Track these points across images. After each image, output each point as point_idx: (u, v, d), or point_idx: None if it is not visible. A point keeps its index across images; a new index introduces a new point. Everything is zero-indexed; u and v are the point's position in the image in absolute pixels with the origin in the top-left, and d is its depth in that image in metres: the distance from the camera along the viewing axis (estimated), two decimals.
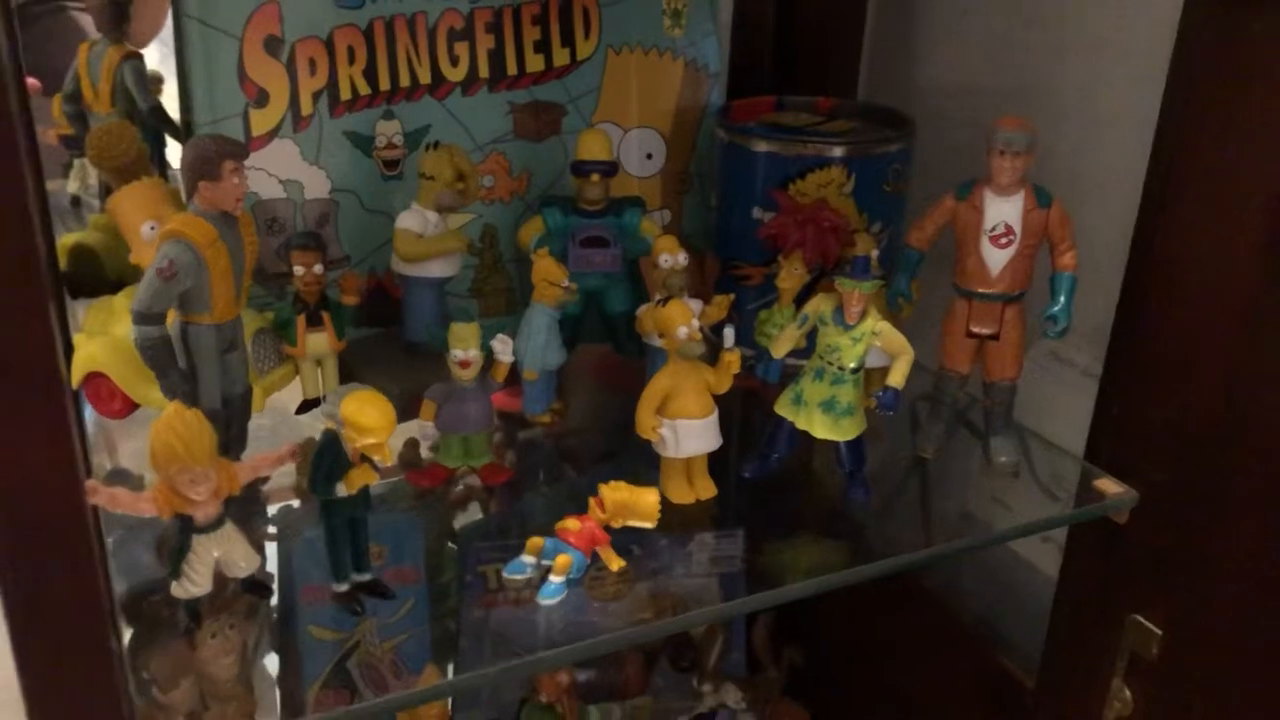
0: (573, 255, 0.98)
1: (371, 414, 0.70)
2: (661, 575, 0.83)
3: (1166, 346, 0.86)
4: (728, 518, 0.89)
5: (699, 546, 0.88)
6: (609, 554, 0.80)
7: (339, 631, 0.80)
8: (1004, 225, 0.87)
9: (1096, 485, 0.91)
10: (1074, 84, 1.02)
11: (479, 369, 0.85)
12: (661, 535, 0.85)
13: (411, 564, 0.90)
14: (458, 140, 1.03)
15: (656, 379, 0.85)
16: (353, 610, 0.76)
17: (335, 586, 0.76)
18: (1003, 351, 0.90)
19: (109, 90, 1.16)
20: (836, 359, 0.85)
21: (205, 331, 0.78)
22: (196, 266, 0.75)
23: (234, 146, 0.75)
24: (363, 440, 0.70)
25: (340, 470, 0.72)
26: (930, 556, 0.85)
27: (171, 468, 0.68)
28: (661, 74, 1.11)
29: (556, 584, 0.77)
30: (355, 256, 1.03)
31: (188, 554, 0.71)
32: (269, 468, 0.73)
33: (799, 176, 0.99)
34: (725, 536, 0.89)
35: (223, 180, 0.75)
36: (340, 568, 0.75)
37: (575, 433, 1.02)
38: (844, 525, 0.90)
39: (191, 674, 0.78)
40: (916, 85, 1.18)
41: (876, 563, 0.83)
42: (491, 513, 0.96)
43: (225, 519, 0.72)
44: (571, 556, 0.77)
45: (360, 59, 1.00)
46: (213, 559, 0.72)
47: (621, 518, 0.79)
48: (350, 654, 0.81)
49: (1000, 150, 0.85)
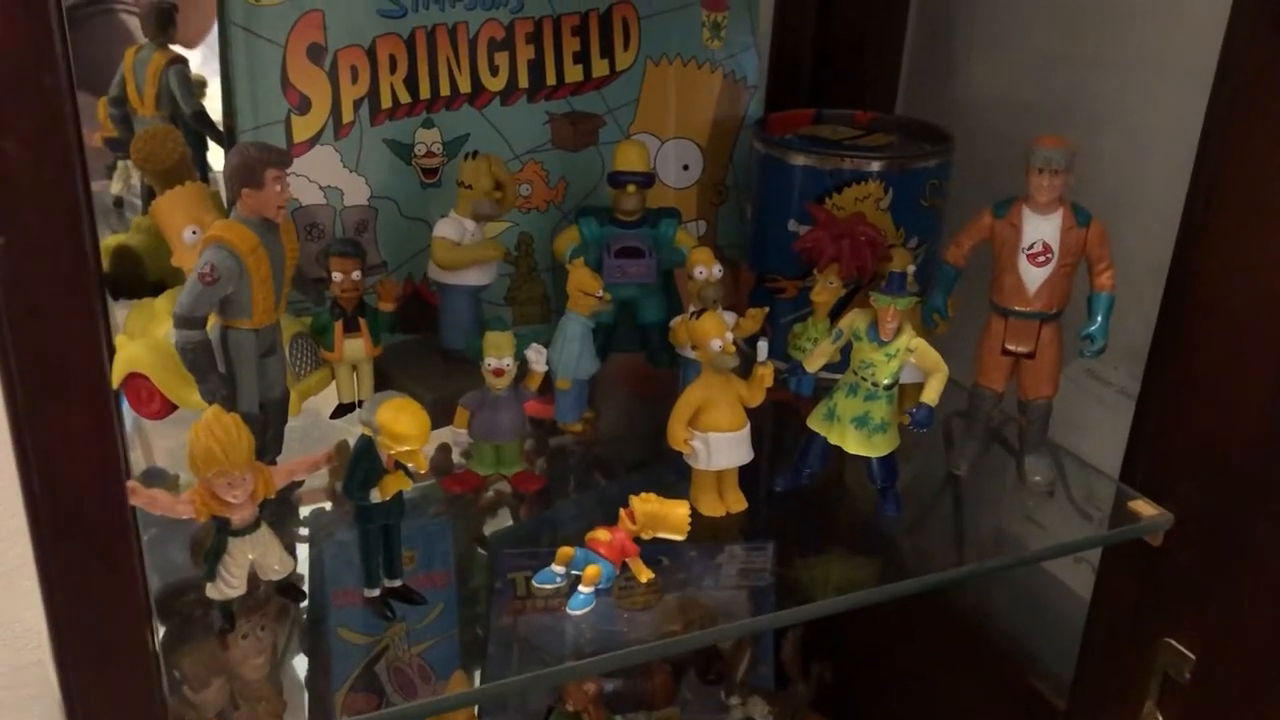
0: (607, 265, 0.98)
1: (407, 422, 0.70)
2: (690, 587, 0.84)
3: (1204, 366, 0.86)
4: (758, 531, 0.89)
5: (728, 559, 0.88)
6: (638, 566, 0.80)
7: (368, 635, 0.81)
8: (1041, 243, 0.87)
9: (1131, 506, 0.90)
10: (1116, 99, 1.01)
11: (512, 378, 0.86)
12: (691, 547, 0.85)
13: (442, 569, 0.90)
14: (496, 149, 1.04)
15: (689, 391, 0.85)
16: (383, 615, 0.77)
17: (367, 591, 0.77)
18: (1039, 370, 0.90)
19: (154, 94, 1.17)
20: (871, 375, 0.84)
21: (244, 336, 0.79)
22: (238, 272, 0.76)
23: (277, 155, 0.76)
24: (397, 448, 0.70)
25: (375, 476, 0.72)
26: (961, 575, 0.85)
27: (209, 471, 0.69)
28: (700, 86, 1.11)
29: (586, 594, 0.77)
30: (393, 263, 1.04)
31: (223, 556, 0.72)
32: (304, 472, 0.74)
33: (836, 190, 0.99)
34: (755, 549, 0.90)
35: (265, 188, 0.76)
36: (372, 573, 0.76)
37: (607, 442, 1.02)
38: (874, 541, 0.90)
39: (223, 674, 0.79)
40: (956, 99, 1.17)
41: (906, 581, 0.83)
42: (522, 520, 0.97)
43: (261, 522, 0.73)
44: (601, 567, 0.77)
45: (401, 68, 1.00)
46: (248, 561, 0.73)
47: (651, 530, 0.79)
48: (379, 658, 0.81)
49: (1039, 168, 0.85)
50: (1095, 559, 1.00)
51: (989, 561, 0.86)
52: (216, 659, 0.78)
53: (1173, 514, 0.89)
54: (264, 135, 0.97)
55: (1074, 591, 1.06)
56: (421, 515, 0.96)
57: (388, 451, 0.71)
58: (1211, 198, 0.83)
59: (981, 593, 1.17)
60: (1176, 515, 0.89)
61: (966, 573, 0.86)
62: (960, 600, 1.18)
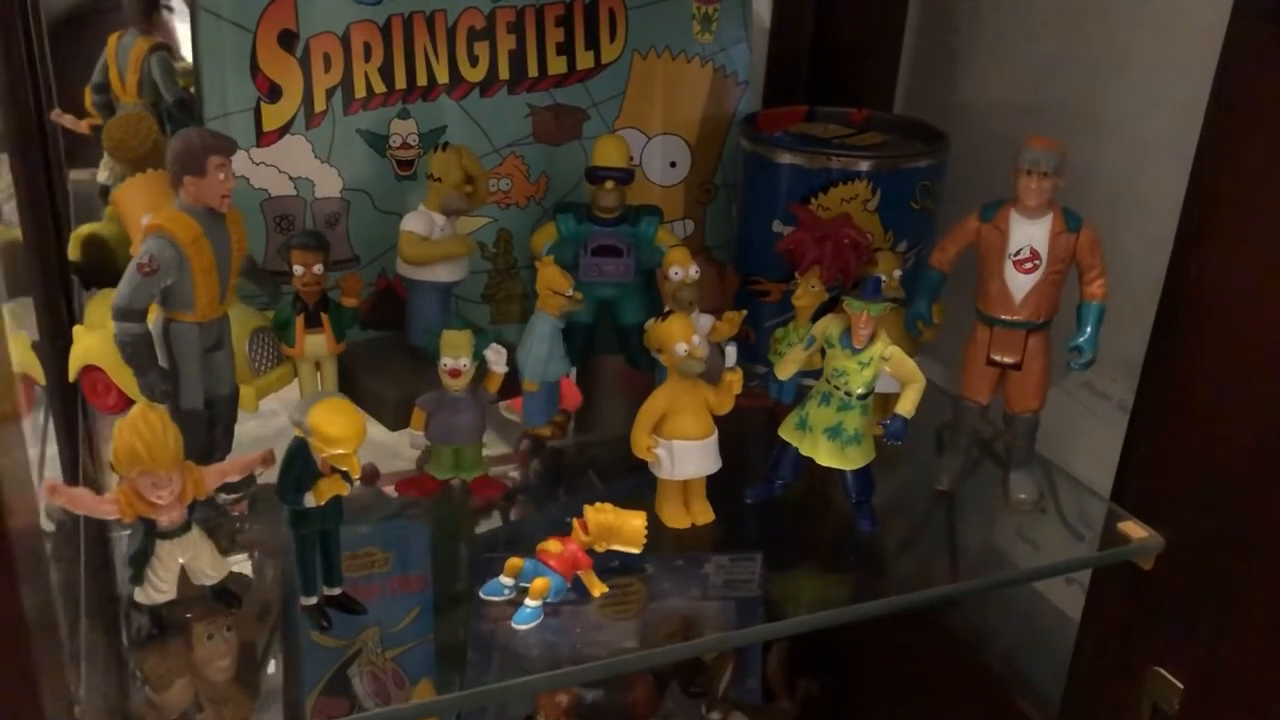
0: (584, 264, 0.95)
1: (340, 424, 0.67)
2: (675, 597, 0.80)
3: (1200, 382, 0.81)
4: (725, 544, 0.85)
5: (715, 569, 0.84)
6: (591, 579, 0.76)
7: (340, 638, 0.78)
8: (1029, 249, 0.83)
9: (1120, 528, 0.86)
10: (1120, 104, 0.97)
11: (470, 379, 0.83)
12: (678, 556, 0.82)
13: (417, 572, 0.87)
14: (474, 142, 1.01)
15: (654, 396, 0.82)
16: (319, 626, 0.74)
17: (303, 599, 0.73)
18: (1025, 382, 0.86)
19: (136, 81, 1.15)
20: (843, 384, 0.81)
21: (188, 330, 0.76)
22: (178, 263, 0.73)
23: (220, 141, 0.73)
24: (329, 450, 0.67)
25: (309, 480, 0.69)
26: (936, 597, 0.80)
27: (133, 470, 0.66)
28: (689, 80, 1.07)
29: (532, 608, 0.74)
30: (366, 257, 1.01)
31: (151, 559, 0.69)
32: (238, 473, 0.71)
33: (821, 190, 0.96)
34: (741, 560, 0.86)
35: (208, 175, 0.73)
36: (308, 580, 0.73)
37: (603, 444, 0.99)
38: (847, 558, 0.86)
39: (186, 675, 0.76)
40: (958, 100, 1.13)
41: (878, 601, 0.79)
42: (503, 524, 0.94)
43: (191, 524, 0.70)
44: (550, 580, 0.74)
45: (377, 56, 0.97)
46: (178, 565, 0.71)
47: (605, 541, 0.76)
48: (351, 661, 0.78)
49: (1026, 170, 0.81)
50: (1087, 580, 0.95)
51: (964, 584, 0.82)
52: (180, 659, 0.75)
53: (1164, 537, 0.84)
54: (232, 123, 0.94)
55: (1065, 613, 1.02)
56: (397, 517, 0.93)
57: (321, 454, 0.68)
58: (1209, 203, 0.78)
59: (972, 610, 1.12)
60: (1168, 539, 0.84)
61: (939, 595, 0.82)
62: (951, 618, 1.13)
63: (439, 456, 0.86)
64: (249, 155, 0.96)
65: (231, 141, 0.74)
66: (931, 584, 0.85)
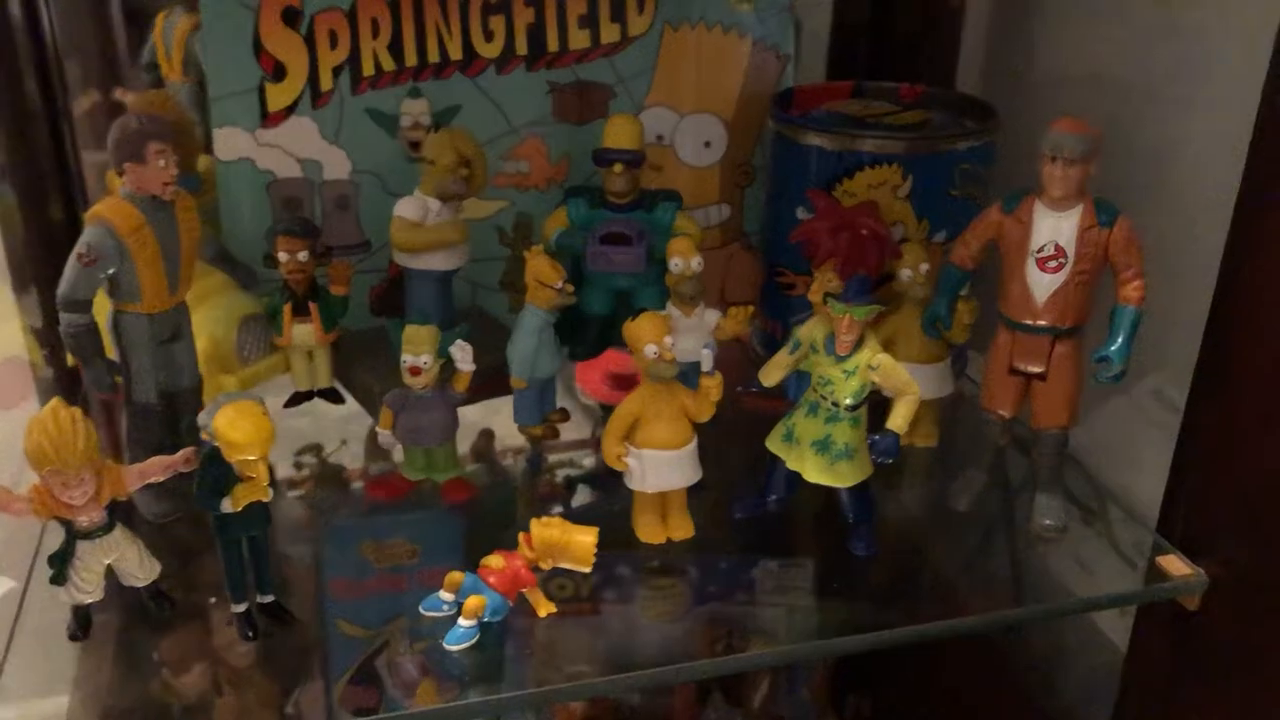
0: (590, 252, 0.89)
1: (245, 429, 0.63)
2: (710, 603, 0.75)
3: (1253, 397, 0.70)
4: (702, 564, 0.78)
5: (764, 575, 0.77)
6: (536, 597, 0.71)
7: (367, 629, 0.75)
8: (1054, 245, 0.73)
9: (1159, 563, 0.76)
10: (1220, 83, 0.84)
11: (433, 377, 0.78)
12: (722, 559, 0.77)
13: (448, 565, 0.83)
14: (491, 122, 0.97)
15: (626, 402, 0.75)
16: (243, 634, 0.71)
17: (233, 607, 0.70)
18: (1051, 394, 0.76)
19: (181, 59, 1.14)
20: (830, 393, 0.73)
21: (137, 320, 0.74)
22: (118, 252, 0.71)
23: (159, 127, 0.70)
24: (235, 456, 0.64)
25: (226, 485, 0.66)
26: (917, 634, 0.71)
27: (43, 469, 0.64)
28: (726, 54, 1.00)
29: (466, 628, 0.69)
30: (377, 242, 0.98)
31: (71, 559, 0.67)
32: (159, 473, 0.68)
33: (847, 175, 0.87)
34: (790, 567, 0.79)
35: (148, 163, 0.70)
36: (235, 587, 0.69)
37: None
38: (838, 586, 0.77)
39: (206, 660, 0.75)
40: (1030, 78, 1.01)
41: (855, 636, 0.71)
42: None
43: (114, 525, 0.67)
44: (486, 599, 0.68)
45: (385, 33, 0.93)
46: (102, 566, 0.68)
47: (551, 559, 0.70)
48: (379, 653, 0.75)
49: (1050, 155, 0.71)
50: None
51: (961, 620, 0.73)
52: (200, 644, 0.74)
53: (1208, 574, 0.74)
54: (235, 103, 0.93)
55: (1117, 648, 0.91)
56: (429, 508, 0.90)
57: (230, 460, 0.64)
58: (1257, 215, 0.67)
59: (1034, 642, 1.02)
60: (1213, 576, 0.74)
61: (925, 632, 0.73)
62: (1013, 649, 1.03)
63: (411, 457, 0.82)
64: (254, 136, 0.94)
65: (170, 126, 0.71)
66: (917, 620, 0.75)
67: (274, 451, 0.87)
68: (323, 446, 0.94)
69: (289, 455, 0.92)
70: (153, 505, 0.78)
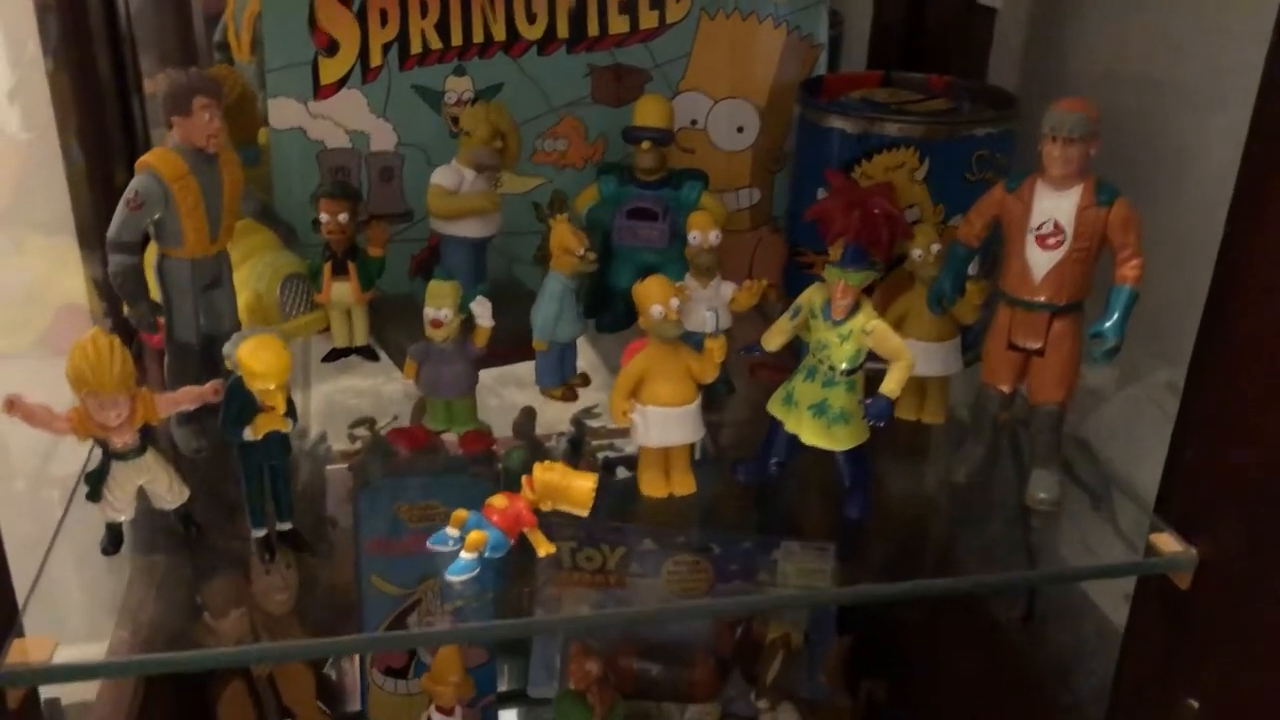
0: (617, 226, 0.93)
1: (265, 359, 0.68)
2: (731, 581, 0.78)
3: (1253, 377, 0.71)
4: (704, 518, 0.81)
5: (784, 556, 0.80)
6: (537, 537, 0.74)
7: (401, 586, 0.79)
8: (1053, 223, 0.75)
9: (1152, 539, 0.77)
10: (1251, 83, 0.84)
11: (454, 330, 0.82)
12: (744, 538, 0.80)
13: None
14: (531, 101, 1.01)
15: (634, 361, 0.79)
16: (261, 557, 0.75)
17: (253, 531, 0.75)
18: (1047, 371, 0.78)
19: (249, 40, 1.20)
20: (826, 357, 0.75)
21: (179, 265, 0.79)
22: (163, 199, 0.76)
23: (206, 83, 0.75)
24: (256, 385, 0.68)
25: (248, 414, 0.70)
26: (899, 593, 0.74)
27: (81, 390, 0.69)
28: (760, 42, 1.03)
29: (467, 560, 0.73)
30: (419, 212, 1.02)
31: (106, 478, 0.72)
32: (190, 402, 0.72)
33: (865, 157, 0.90)
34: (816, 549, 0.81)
35: (193, 115, 0.75)
36: (255, 512, 0.74)
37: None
38: (839, 541, 0.80)
39: (244, 605, 0.79)
40: (1068, 71, 1.03)
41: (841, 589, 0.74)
42: None
43: (148, 448, 0.72)
44: (487, 534, 0.72)
45: (433, 13, 0.98)
46: (134, 486, 0.73)
47: (551, 501, 0.74)
48: (411, 610, 0.79)
49: (1050, 135, 0.73)
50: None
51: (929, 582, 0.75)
52: (240, 589, 0.78)
53: (1203, 554, 0.75)
54: (290, 76, 0.98)
55: (1117, 630, 0.92)
56: (461, 471, 0.93)
57: (252, 389, 0.69)
58: (1257, 195, 0.69)
59: (1049, 632, 1.03)
60: (1204, 555, 0.75)
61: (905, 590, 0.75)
62: (1024, 639, 1.04)
63: (434, 409, 0.86)
64: (307, 108, 0.99)
65: (216, 83, 0.76)
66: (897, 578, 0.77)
67: (329, 424, 0.94)
68: (374, 420, 0.98)
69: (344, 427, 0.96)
70: (191, 441, 0.83)
